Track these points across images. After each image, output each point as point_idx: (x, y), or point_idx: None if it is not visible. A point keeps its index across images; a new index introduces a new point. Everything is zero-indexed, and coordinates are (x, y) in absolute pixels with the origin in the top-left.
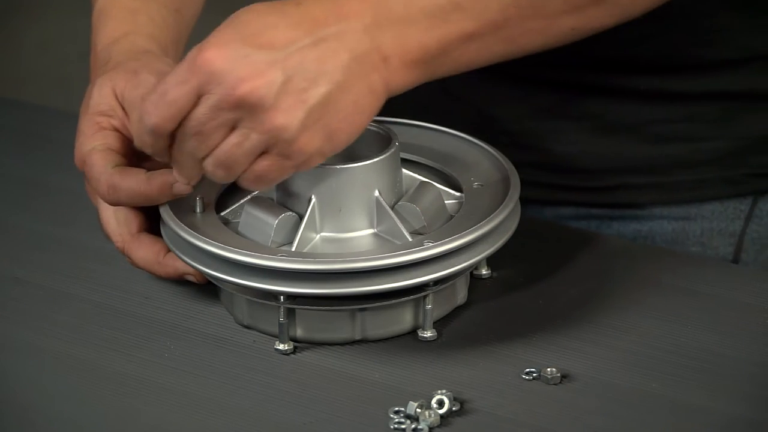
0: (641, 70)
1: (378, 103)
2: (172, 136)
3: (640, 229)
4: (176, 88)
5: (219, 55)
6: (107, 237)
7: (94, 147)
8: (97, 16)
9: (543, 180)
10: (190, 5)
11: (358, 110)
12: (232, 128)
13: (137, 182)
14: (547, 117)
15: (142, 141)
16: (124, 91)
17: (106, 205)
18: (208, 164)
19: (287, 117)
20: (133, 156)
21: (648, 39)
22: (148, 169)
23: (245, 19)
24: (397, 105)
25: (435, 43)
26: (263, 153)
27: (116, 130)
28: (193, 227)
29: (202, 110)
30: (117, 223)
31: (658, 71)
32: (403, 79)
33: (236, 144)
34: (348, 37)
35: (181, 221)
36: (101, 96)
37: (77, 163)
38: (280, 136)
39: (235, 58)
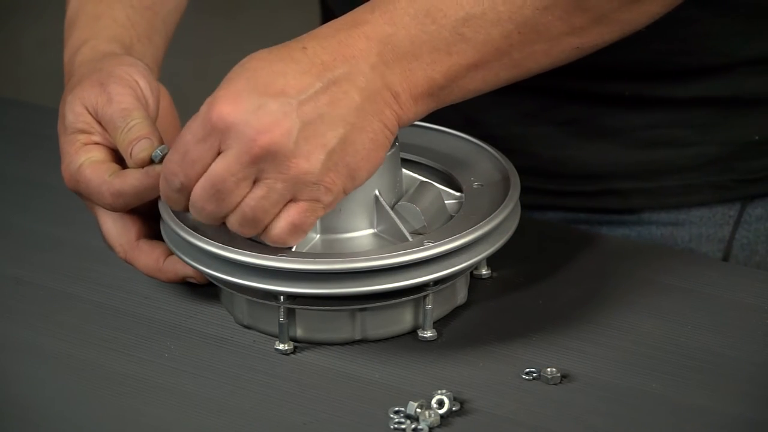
0: (625, 77)
1: (392, 136)
2: None
3: (629, 234)
4: (196, 147)
5: (233, 109)
6: (110, 248)
7: (82, 163)
8: (66, 27)
9: (530, 185)
10: (165, 0)
11: (376, 146)
12: (254, 182)
13: (138, 180)
14: (533, 122)
15: (170, 199)
16: (97, 107)
17: (105, 216)
18: (233, 222)
19: (309, 162)
20: (120, 165)
21: (630, 46)
22: None
23: (253, 67)
24: None
25: (441, 76)
26: (290, 202)
27: (98, 144)
28: (193, 227)
29: (221, 166)
30: (117, 233)
31: (642, 78)
32: (414, 112)
33: (262, 197)
34: (357, 77)
35: (181, 221)
36: (75, 114)
37: (69, 184)
38: (306, 180)
39: (249, 111)
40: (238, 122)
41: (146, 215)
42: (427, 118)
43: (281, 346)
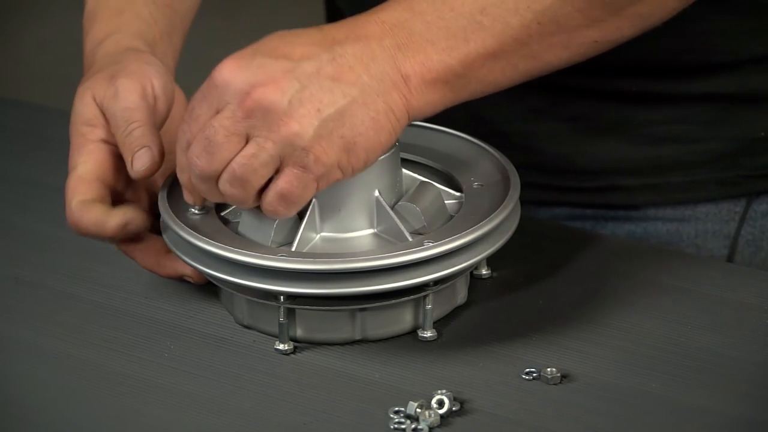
0: (632, 74)
1: (398, 124)
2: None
3: (635, 230)
4: (200, 105)
5: (233, 66)
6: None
7: (75, 167)
8: (86, 20)
9: (536, 181)
10: None
11: (377, 127)
12: (247, 140)
13: (96, 223)
14: (539, 118)
15: (180, 163)
16: (104, 100)
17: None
18: (223, 182)
19: (301, 124)
20: (117, 170)
21: (637, 44)
22: (131, 193)
23: (266, 39)
24: None
25: (457, 63)
26: (281, 169)
27: (102, 141)
28: (193, 227)
29: (216, 119)
30: None
31: (648, 74)
32: (425, 100)
33: (252, 155)
34: (366, 56)
35: (181, 221)
36: (83, 105)
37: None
38: (295, 143)
39: (249, 67)
40: (235, 78)
41: (149, 211)
42: (433, 118)
43: (281, 346)
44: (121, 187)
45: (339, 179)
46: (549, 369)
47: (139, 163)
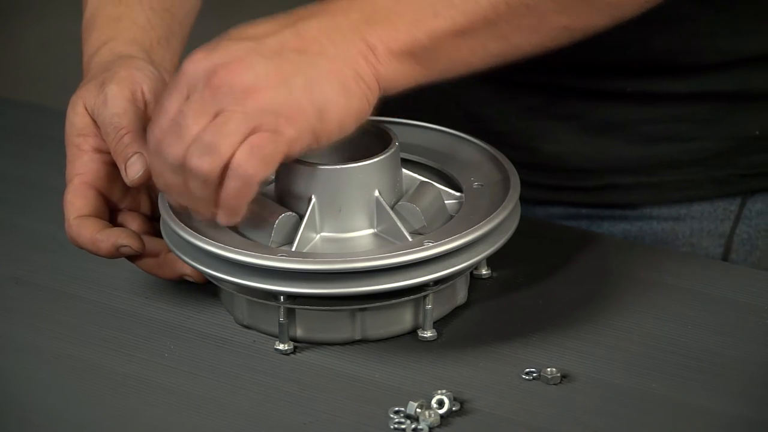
0: (627, 73)
1: (370, 92)
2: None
3: (630, 229)
4: (167, 99)
5: (199, 55)
6: None
7: (72, 179)
8: (84, 28)
9: (531, 180)
10: (183, 2)
11: (347, 92)
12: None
13: (91, 241)
14: (535, 117)
15: (152, 163)
16: (94, 107)
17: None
18: (192, 154)
19: (269, 95)
20: (113, 178)
21: (631, 44)
22: (130, 199)
23: (233, 29)
24: (386, 101)
25: (425, 36)
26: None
27: (96, 150)
28: (193, 227)
29: (185, 105)
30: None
31: (643, 74)
32: (394, 69)
33: (222, 122)
34: (330, 27)
35: (181, 221)
36: (75, 114)
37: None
38: (265, 110)
39: (214, 52)
40: (201, 64)
41: (148, 214)
42: (427, 116)
43: (281, 346)
44: (118, 195)
45: (312, 145)
46: (549, 369)
47: (133, 170)
